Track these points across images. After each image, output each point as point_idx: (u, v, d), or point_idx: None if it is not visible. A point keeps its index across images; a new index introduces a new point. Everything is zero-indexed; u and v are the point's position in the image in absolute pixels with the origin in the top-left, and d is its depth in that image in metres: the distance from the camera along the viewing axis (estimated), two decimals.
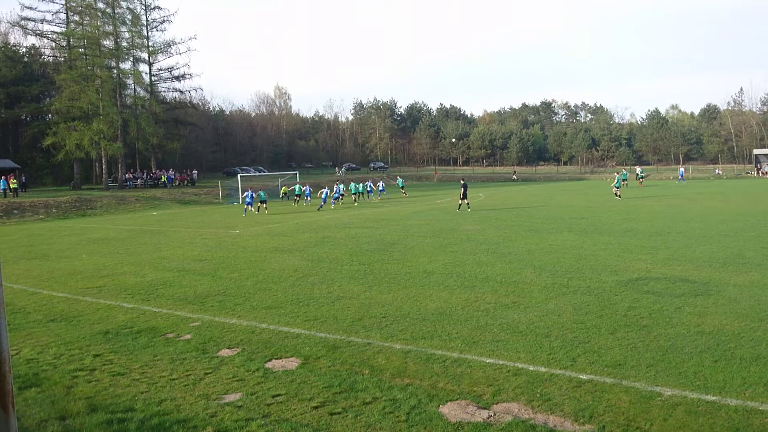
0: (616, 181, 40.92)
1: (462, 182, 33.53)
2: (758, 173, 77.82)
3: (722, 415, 5.83)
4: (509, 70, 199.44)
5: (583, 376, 6.98)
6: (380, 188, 48.02)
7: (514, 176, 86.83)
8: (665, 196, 41.92)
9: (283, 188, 49.22)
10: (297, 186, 43.98)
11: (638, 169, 77.27)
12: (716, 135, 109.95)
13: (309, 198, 43.06)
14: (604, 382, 6.79)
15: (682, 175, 68.27)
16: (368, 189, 47.75)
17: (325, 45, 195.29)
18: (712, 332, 8.54)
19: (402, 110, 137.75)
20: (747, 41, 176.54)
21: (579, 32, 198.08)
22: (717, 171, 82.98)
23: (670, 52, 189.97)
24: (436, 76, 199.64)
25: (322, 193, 40.74)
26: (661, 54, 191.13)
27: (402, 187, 52.89)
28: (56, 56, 62.55)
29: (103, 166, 59.19)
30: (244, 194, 38.07)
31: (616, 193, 39.02)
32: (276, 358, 8.06)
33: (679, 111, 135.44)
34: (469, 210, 32.25)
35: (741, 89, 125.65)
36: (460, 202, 32.87)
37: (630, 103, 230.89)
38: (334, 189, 41.91)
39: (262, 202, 36.67)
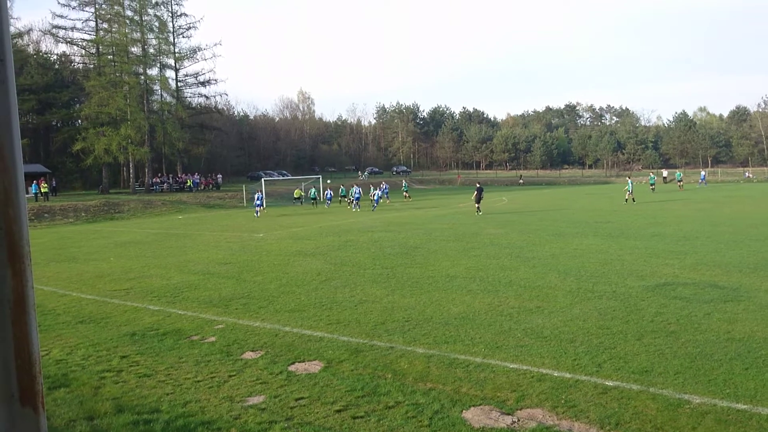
0: (628, 185, 38.74)
1: (477, 185, 33.46)
2: None
3: (753, 424, 5.69)
4: (533, 72, 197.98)
5: (609, 383, 6.87)
6: (377, 196, 41.32)
7: (521, 180, 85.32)
8: (692, 200, 41.13)
9: (296, 191, 50.18)
10: (342, 188, 47.35)
11: (664, 172, 76.02)
12: (746, 137, 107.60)
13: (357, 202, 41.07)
14: (630, 389, 6.67)
15: (703, 179, 66.40)
16: (356, 195, 42.33)
17: (348, 49, 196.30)
18: (742, 339, 8.34)
19: (425, 114, 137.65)
20: None
21: (605, 34, 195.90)
22: (747, 174, 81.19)
23: (698, 54, 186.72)
24: (459, 79, 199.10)
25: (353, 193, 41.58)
26: (688, 55, 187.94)
27: (406, 191, 52.15)
28: (86, 63, 63.96)
29: (131, 171, 60.24)
30: (255, 195, 39.08)
31: (627, 198, 37.34)
32: (299, 362, 8.09)
33: (708, 113, 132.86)
34: (479, 214, 31.85)
35: None
36: (476, 205, 32.66)
37: (656, 105, 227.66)
38: (354, 191, 41.95)
39: (343, 196, 43.68)
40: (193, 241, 24.08)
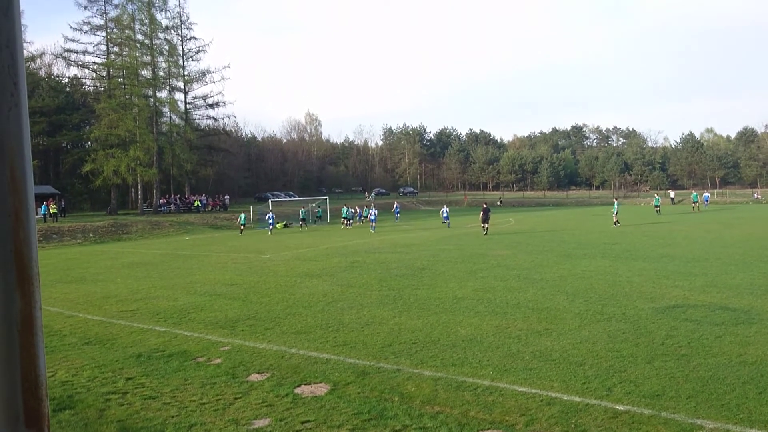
0: (614, 207, 37.98)
1: (484, 206, 33.68)
2: None
3: None
4: (539, 94, 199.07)
5: (620, 407, 6.76)
6: (372, 217, 41.25)
7: (499, 202, 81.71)
8: (701, 221, 40.91)
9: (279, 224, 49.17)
10: (345, 209, 47.04)
11: (672, 193, 75.65)
12: (754, 158, 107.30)
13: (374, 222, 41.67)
14: (641, 413, 6.57)
15: (707, 200, 65.31)
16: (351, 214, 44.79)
17: (355, 71, 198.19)
18: (755, 362, 8.22)
19: (431, 135, 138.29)
20: None
21: (610, 56, 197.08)
22: (756, 195, 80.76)
23: (704, 75, 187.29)
24: (465, 101, 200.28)
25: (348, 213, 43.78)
26: (694, 77, 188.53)
27: (373, 219, 41.79)
28: (96, 86, 64.87)
29: (139, 192, 60.66)
30: (268, 216, 42.09)
31: (615, 221, 36.40)
32: (305, 384, 8.02)
33: (715, 134, 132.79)
34: (485, 234, 32.06)
35: None
36: (483, 225, 32.87)
37: (663, 126, 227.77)
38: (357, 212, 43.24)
39: (347, 219, 44.36)
40: (200, 262, 24.11)
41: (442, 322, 11.45)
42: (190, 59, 68.20)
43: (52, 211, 45.52)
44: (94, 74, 63.36)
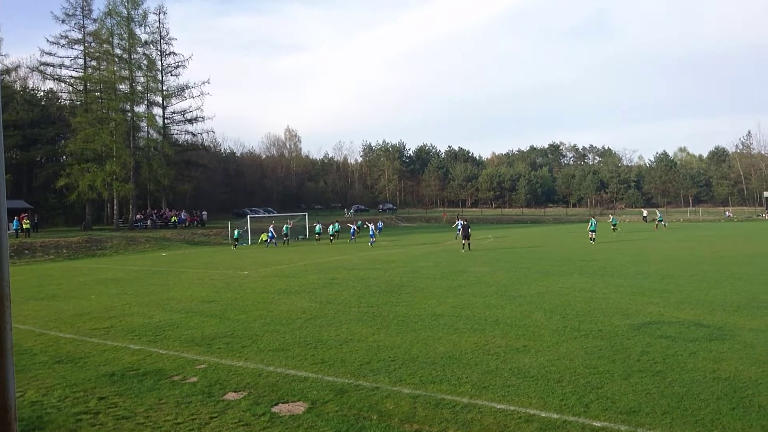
0: (591, 225, 38.99)
1: (463, 222, 34.54)
2: None
3: None
4: (517, 112, 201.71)
5: (597, 423, 6.80)
6: (371, 233, 42.13)
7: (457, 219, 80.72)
8: (674, 239, 41.62)
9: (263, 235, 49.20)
10: (332, 225, 48.37)
11: (645, 212, 76.80)
12: (725, 177, 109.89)
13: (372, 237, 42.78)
14: (618, 429, 6.61)
15: (660, 220, 61.86)
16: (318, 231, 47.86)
17: (335, 87, 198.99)
18: (728, 378, 8.34)
19: (411, 152, 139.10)
20: (753, 84, 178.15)
21: (586, 76, 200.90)
22: (727, 213, 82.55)
23: (677, 96, 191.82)
24: (444, 118, 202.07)
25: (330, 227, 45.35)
26: (668, 97, 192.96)
27: (372, 236, 42.51)
28: (73, 100, 64.04)
29: (115, 207, 59.80)
30: (270, 229, 44.88)
31: (592, 238, 37.58)
32: (283, 402, 7.92)
33: (688, 153, 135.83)
34: (463, 251, 32.32)
35: (749, 132, 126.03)
36: (463, 242, 33.42)
37: (638, 145, 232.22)
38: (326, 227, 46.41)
39: (331, 235, 46.14)
40: (177, 278, 23.78)
41: (421, 339, 11.43)
42: (169, 74, 67.92)
43: (24, 226, 44.60)
44: (71, 88, 62.56)
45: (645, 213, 75.71)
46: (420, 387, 8.39)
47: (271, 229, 44.43)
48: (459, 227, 43.88)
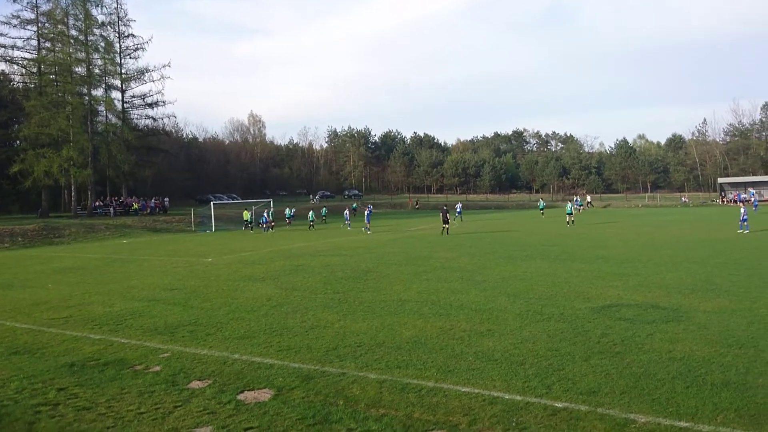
0: (568, 208, 43.30)
1: (444, 208, 36.36)
2: (723, 201, 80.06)
3: None
4: (482, 99, 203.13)
5: (558, 404, 6.97)
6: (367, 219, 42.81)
7: (417, 206, 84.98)
8: (634, 224, 42.73)
9: (245, 213, 50.86)
10: (311, 213, 48.85)
11: (588, 197, 78.84)
12: (682, 164, 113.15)
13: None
14: (578, 409, 6.79)
15: (579, 203, 66.14)
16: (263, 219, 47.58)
17: (300, 73, 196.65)
18: (683, 358, 8.64)
19: (376, 138, 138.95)
20: (710, 75, 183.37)
21: (549, 64, 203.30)
22: (684, 199, 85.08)
23: (638, 85, 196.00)
24: (410, 105, 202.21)
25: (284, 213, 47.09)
26: (628, 86, 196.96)
27: (311, 221, 46.88)
28: (26, 82, 61.73)
29: (72, 194, 58.09)
30: (264, 213, 46.53)
31: (568, 221, 41.27)
32: (248, 390, 7.88)
33: (646, 140, 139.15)
34: (447, 234, 34.22)
35: (704, 120, 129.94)
36: (443, 226, 35.13)
37: (599, 132, 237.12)
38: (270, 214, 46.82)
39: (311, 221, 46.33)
40: (138, 266, 23.32)
41: (387, 324, 11.49)
42: (128, 57, 66.10)
43: None
44: (24, 70, 60.24)
45: (589, 198, 77.46)
46: (386, 372, 8.46)
47: (266, 214, 45.91)
48: (459, 210, 53.19)
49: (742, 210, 33.24)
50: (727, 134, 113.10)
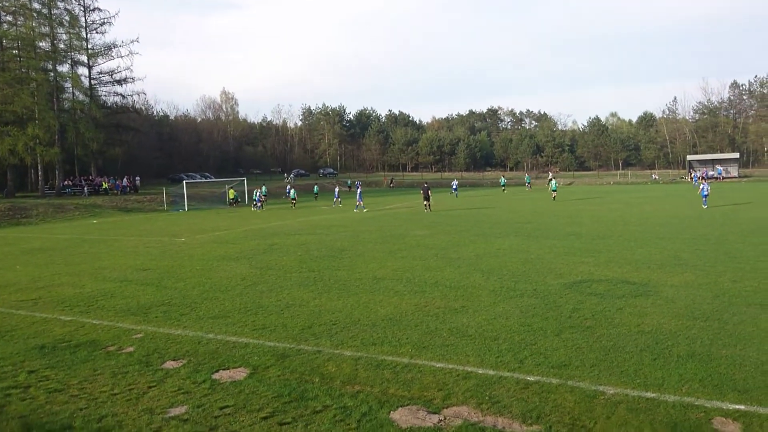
0: (553, 185, 47.60)
1: (425, 185, 37.62)
2: (690, 178, 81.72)
3: (661, 411, 6.05)
4: (456, 77, 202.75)
5: (530, 378, 7.11)
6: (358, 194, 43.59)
7: (392, 184, 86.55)
8: (606, 201, 43.41)
9: (230, 191, 51.42)
10: (293, 190, 48.16)
11: (550, 175, 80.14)
12: (653, 142, 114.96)
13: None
14: (550, 383, 6.94)
15: (528, 182, 71.03)
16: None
17: (273, 50, 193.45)
18: (651, 331, 8.87)
19: (351, 116, 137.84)
20: (680, 53, 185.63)
21: (523, 42, 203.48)
22: (654, 176, 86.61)
23: (610, 63, 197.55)
24: (384, 82, 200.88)
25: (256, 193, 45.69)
26: (600, 64, 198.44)
27: (293, 199, 46.55)
28: None
29: (39, 173, 56.66)
30: (255, 192, 45.93)
31: (553, 197, 45.05)
32: (223, 369, 7.87)
33: (618, 118, 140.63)
34: (428, 211, 35.46)
35: (675, 98, 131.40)
36: (424, 203, 36.45)
37: (572, 110, 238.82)
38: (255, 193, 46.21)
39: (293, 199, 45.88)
40: (109, 246, 22.95)
41: (363, 302, 11.55)
42: (94, 32, 64.14)
43: None
44: None
45: (551, 176, 78.59)
46: (361, 349, 8.52)
47: (258, 192, 45.51)
48: (454, 187, 57.86)
49: (702, 186, 33.87)
50: (696, 112, 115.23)
